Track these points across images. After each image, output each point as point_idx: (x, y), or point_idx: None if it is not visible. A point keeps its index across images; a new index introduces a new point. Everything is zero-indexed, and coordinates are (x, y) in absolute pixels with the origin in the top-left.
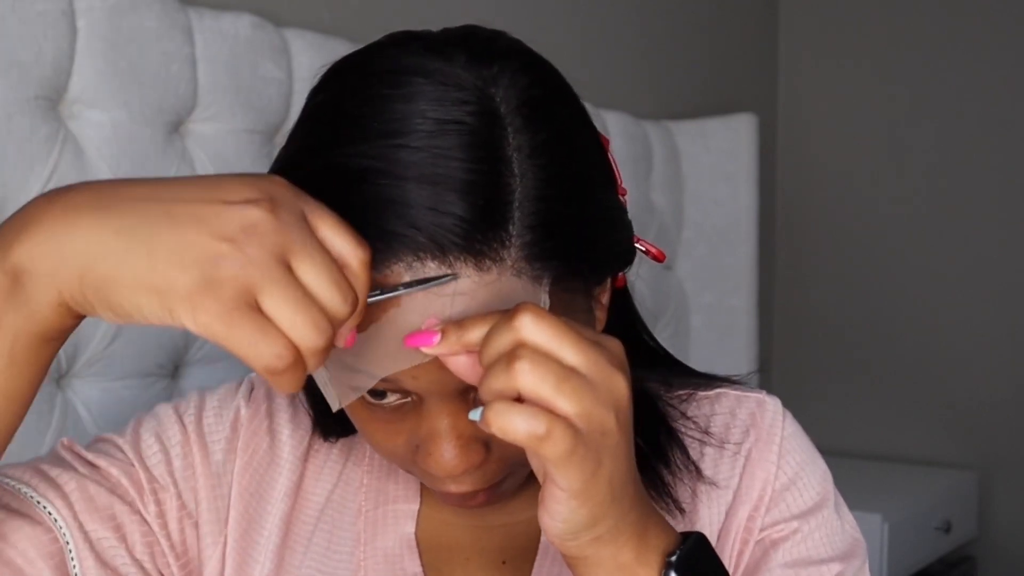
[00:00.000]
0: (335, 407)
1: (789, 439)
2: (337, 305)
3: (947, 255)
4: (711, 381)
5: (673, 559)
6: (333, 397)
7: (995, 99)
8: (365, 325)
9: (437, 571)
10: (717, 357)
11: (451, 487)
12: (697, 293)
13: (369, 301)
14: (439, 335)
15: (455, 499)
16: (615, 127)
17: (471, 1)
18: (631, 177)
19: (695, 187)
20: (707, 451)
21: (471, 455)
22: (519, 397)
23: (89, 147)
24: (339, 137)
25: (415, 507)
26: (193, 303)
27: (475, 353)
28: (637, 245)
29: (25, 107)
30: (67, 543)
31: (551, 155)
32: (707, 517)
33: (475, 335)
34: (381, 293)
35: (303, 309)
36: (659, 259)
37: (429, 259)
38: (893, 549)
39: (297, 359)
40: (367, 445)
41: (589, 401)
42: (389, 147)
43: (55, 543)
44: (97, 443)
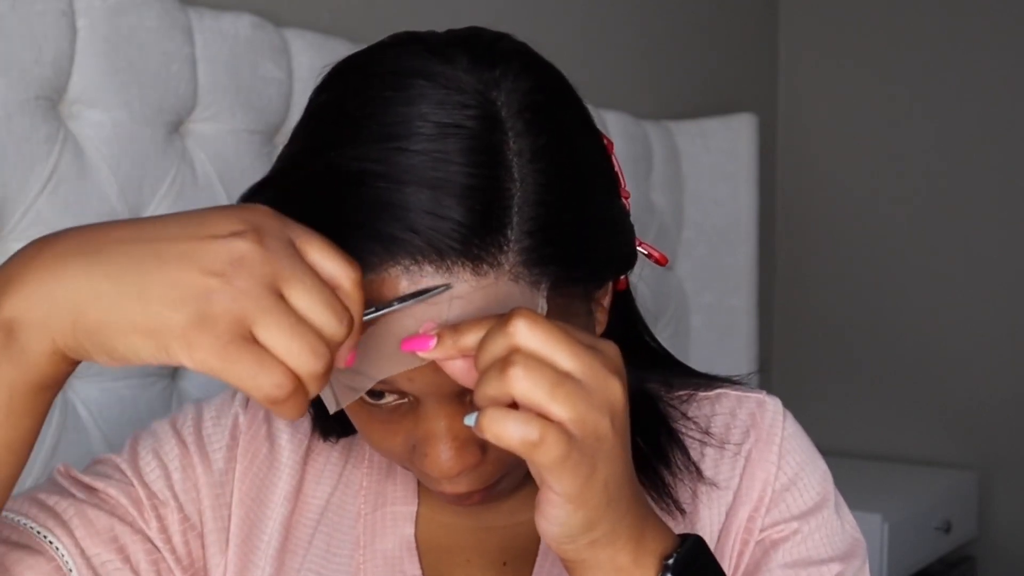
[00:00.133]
0: (332, 410)
1: (789, 439)
2: (333, 327)
3: (947, 255)
4: (711, 381)
5: (670, 562)
6: (331, 400)
7: (995, 99)
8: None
9: (437, 573)
10: (717, 357)
11: (447, 487)
12: (697, 293)
13: (365, 319)
14: (435, 339)
15: (452, 499)
16: (615, 127)
17: (471, 1)
18: (631, 177)
19: (695, 187)
20: (707, 452)
21: (467, 456)
22: (515, 402)
23: (89, 147)
24: (339, 139)
25: (413, 509)
26: (188, 341)
27: (471, 357)
28: (639, 248)
29: (25, 107)
30: (70, 571)
31: (552, 160)
32: (707, 518)
33: (471, 340)
34: (376, 310)
35: (299, 335)
36: (661, 263)
37: (427, 263)
38: (893, 549)
39: (298, 386)
40: (367, 446)
41: (583, 406)
42: (389, 150)
43: (58, 572)
44: (95, 465)
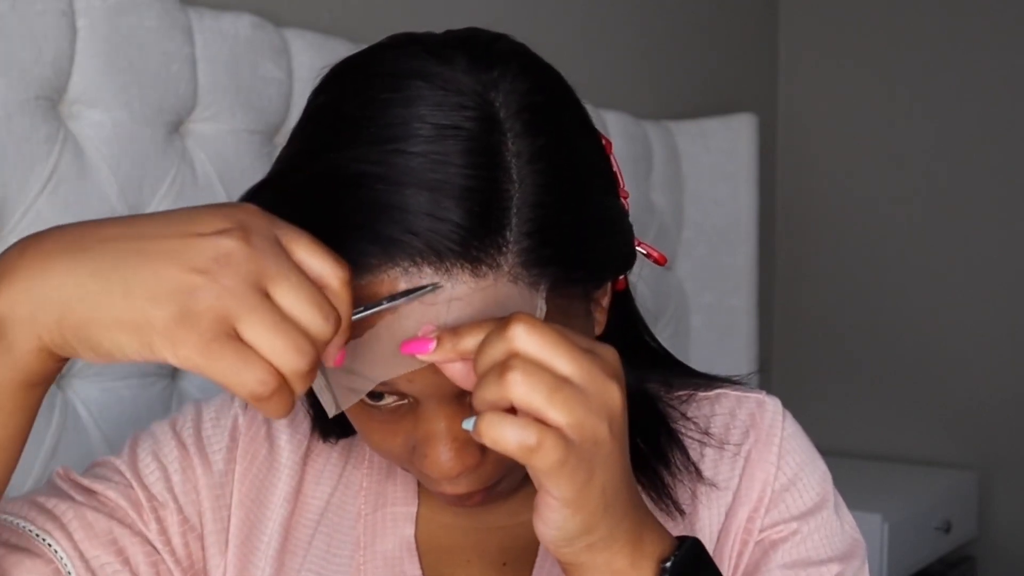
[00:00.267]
0: (331, 412)
1: (789, 440)
2: (318, 326)
3: (947, 255)
4: (711, 382)
5: (668, 565)
6: (329, 402)
7: (995, 99)
8: (361, 331)
9: (437, 573)
10: (717, 357)
11: (447, 488)
12: (697, 293)
13: (354, 318)
14: (434, 342)
15: (452, 499)
16: (615, 127)
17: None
18: (631, 177)
19: (695, 187)
20: (707, 452)
21: (467, 457)
22: (513, 407)
23: (89, 147)
24: (338, 140)
25: (413, 509)
26: (172, 337)
27: (470, 360)
28: (638, 248)
29: (25, 107)
30: (68, 573)
31: (550, 161)
32: (707, 518)
33: (470, 343)
34: (365, 309)
35: (283, 333)
36: (660, 262)
37: (426, 265)
38: (893, 549)
39: (282, 384)
40: (367, 447)
41: (581, 411)
42: (388, 152)
43: (57, 574)
44: (94, 467)
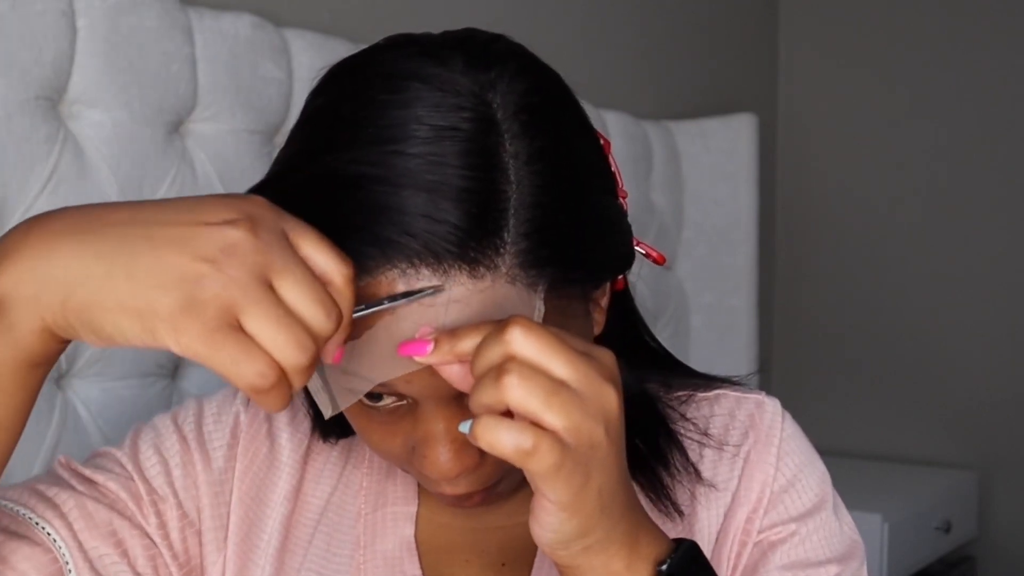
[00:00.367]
0: (327, 414)
1: (788, 441)
2: (320, 322)
3: (947, 255)
4: (711, 382)
5: (664, 567)
6: (325, 404)
7: (995, 99)
8: (360, 332)
9: (437, 573)
10: (717, 357)
11: (447, 489)
12: (697, 293)
13: (355, 316)
14: (432, 344)
15: (451, 500)
16: (615, 127)
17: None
18: (631, 177)
19: (695, 187)
20: (706, 453)
21: (466, 458)
22: (510, 410)
23: (89, 147)
24: (336, 142)
25: (413, 509)
26: (175, 324)
27: (467, 362)
28: (637, 248)
29: (25, 107)
30: (66, 563)
31: (548, 161)
32: (705, 519)
33: (467, 345)
34: (366, 307)
35: (285, 327)
36: (659, 262)
37: (423, 266)
38: (893, 549)
39: (281, 378)
40: (366, 447)
41: (578, 415)
42: (385, 153)
43: (55, 563)
44: (95, 458)
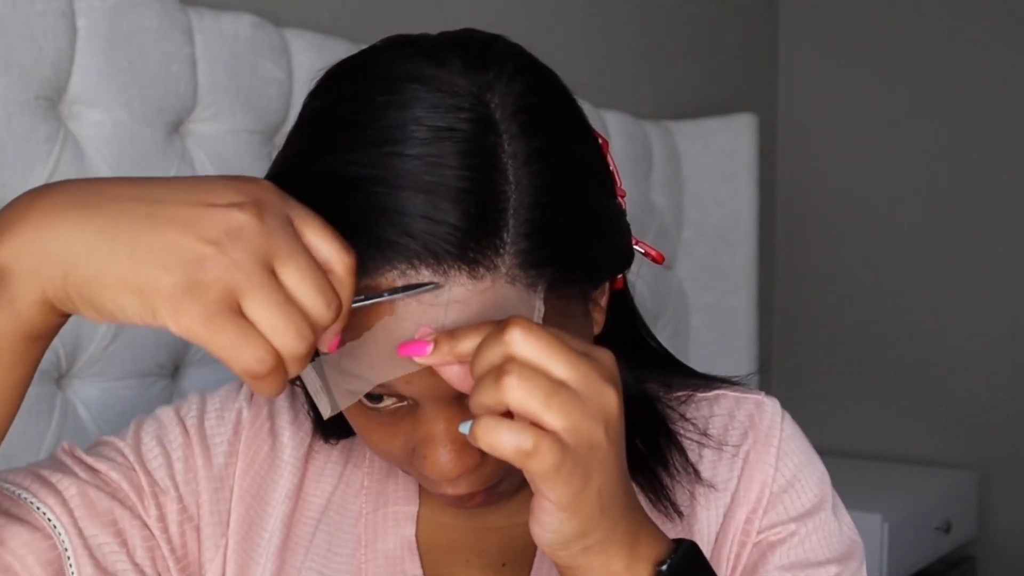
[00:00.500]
0: (326, 414)
1: (787, 441)
2: (320, 310)
3: (947, 255)
4: (710, 382)
5: (664, 568)
6: (325, 404)
7: (995, 99)
8: (359, 332)
9: (438, 573)
10: (717, 357)
11: (448, 489)
12: (697, 293)
13: (354, 306)
14: (431, 345)
15: (452, 500)
16: (615, 127)
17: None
18: (631, 177)
19: (695, 187)
20: (705, 453)
21: (466, 459)
22: (510, 411)
23: (89, 147)
24: (334, 143)
25: (414, 509)
26: (176, 305)
27: (467, 363)
28: (636, 248)
29: (25, 107)
30: (65, 549)
31: (546, 161)
32: (705, 520)
33: (467, 346)
34: (366, 299)
35: (285, 314)
36: (658, 261)
37: (423, 267)
38: (893, 549)
39: (278, 364)
40: (366, 447)
41: (578, 415)
42: (384, 155)
43: (53, 549)
44: (98, 446)
